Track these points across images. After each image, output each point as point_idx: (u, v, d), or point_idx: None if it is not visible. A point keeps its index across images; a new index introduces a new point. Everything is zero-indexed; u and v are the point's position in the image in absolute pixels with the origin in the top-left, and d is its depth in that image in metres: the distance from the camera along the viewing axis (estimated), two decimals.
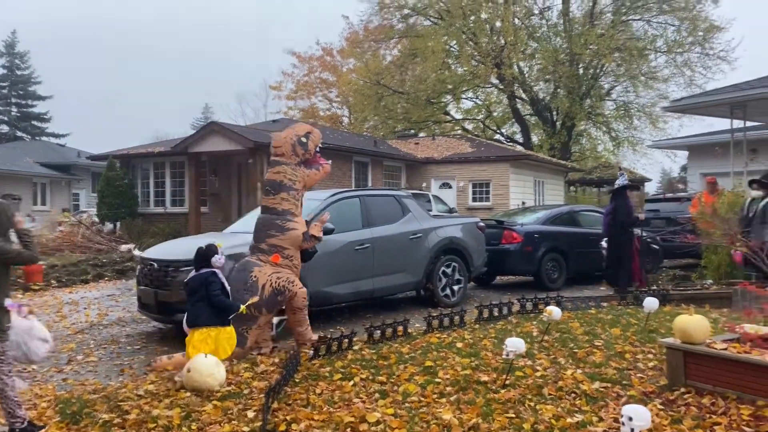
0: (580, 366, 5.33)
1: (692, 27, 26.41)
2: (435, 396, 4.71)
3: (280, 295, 6.18)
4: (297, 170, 6.47)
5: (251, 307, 6.00)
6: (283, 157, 6.49)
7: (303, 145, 6.51)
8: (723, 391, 4.23)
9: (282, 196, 6.39)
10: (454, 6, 27.81)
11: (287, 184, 6.42)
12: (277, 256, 6.26)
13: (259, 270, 6.19)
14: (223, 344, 5.57)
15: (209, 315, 5.55)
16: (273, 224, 6.35)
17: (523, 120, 30.60)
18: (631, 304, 8.28)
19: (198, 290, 5.61)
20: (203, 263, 5.74)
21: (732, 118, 11.79)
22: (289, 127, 6.88)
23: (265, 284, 6.12)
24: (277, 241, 6.30)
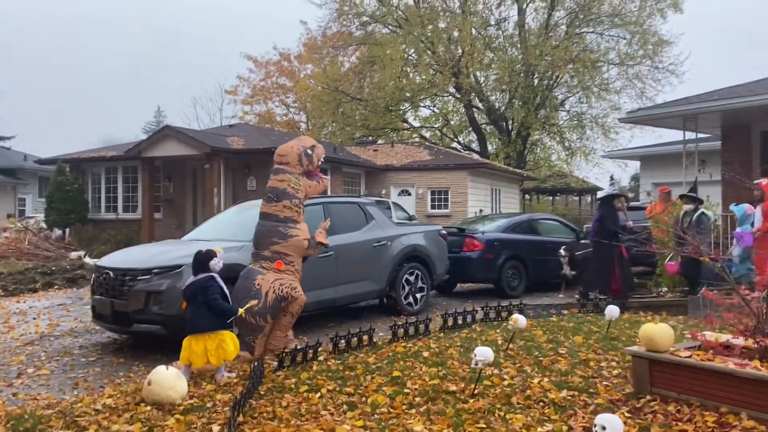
0: (546, 374, 5.37)
1: (643, 41, 27.23)
2: (404, 407, 4.66)
3: (283, 301, 6.29)
4: (300, 180, 6.63)
5: (257, 316, 6.09)
6: (288, 166, 6.64)
7: (308, 157, 6.70)
8: (687, 399, 4.31)
9: (284, 203, 6.52)
10: (413, 15, 28.00)
11: (290, 192, 6.54)
12: (280, 262, 6.37)
13: (262, 278, 6.27)
14: (229, 347, 5.52)
15: (211, 320, 5.51)
16: (276, 231, 6.44)
17: (480, 129, 30.97)
18: (591, 312, 8.43)
19: (197, 296, 5.56)
20: (202, 268, 5.69)
21: (684, 129, 12.17)
22: (296, 138, 7.07)
23: (268, 291, 6.21)
24: (281, 248, 6.40)
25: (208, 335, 5.47)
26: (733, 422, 3.96)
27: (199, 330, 5.47)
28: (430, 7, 28.95)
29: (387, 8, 29.14)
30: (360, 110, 31.01)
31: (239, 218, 8.65)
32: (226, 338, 5.54)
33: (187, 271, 6.66)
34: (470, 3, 29.04)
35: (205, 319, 5.49)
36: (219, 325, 5.55)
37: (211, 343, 5.45)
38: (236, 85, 39.63)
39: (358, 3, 29.71)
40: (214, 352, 5.43)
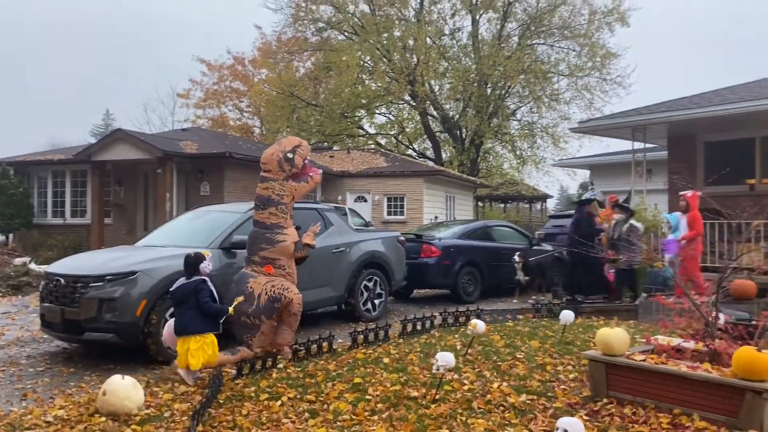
0: (506, 378, 5.45)
1: (591, 53, 27.99)
2: (367, 413, 4.66)
3: (276, 302, 6.44)
4: (285, 185, 6.70)
5: (251, 316, 6.30)
6: (271, 173, 6.71)
7: (289, 161, 6.72)
8: (642, 401, 4.44)
9: (270, 210, 6.64)
10: (368, 22, 28.08)
11: (275, 199, 6.66)
12: (269, 266, 6.58)
13: (254, 281, 6.47)
14: (210, 350, 5.59)
15: (201, 322, 5.58)
16: (263, 238, 6.61)
17: (435, 137, 31.24)
18: (545, 317, 8.60)
19: (188, 298, 5.62)
20: (192, 271, 5.74)
21: (633, 140, 12.57)
22: (276, 143, 7.08)
23: (260, 293, 6.39)
24: (268, 253, 6.57)
25: (194, 337, 5.51)
26: (686, 423, 4.10)
27: (187, 332, 5.53)
28: (385, 16, 29.09)
29: (343, 15, 29.15)
30: (315, 116, 30.88)
31: (195, 224, 8.50)
32: (209, 342, 5.59)
33: (141, 277, 6.52)
34: (425, 12, 29.33)
35: (195, 322, 5.56)
36: (208, 327, 5.63)
37: (194, 345, 5.49)
38: (189, 89, 38.92)
39: (314, 9, 29.63)
40: (195, 353, 5.48)
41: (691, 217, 8.87)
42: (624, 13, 27.26)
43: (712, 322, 4.78)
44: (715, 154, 12.28)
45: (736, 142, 12.03)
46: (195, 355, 5.48)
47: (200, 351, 5.49)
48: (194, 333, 5.53)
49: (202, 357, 5.50)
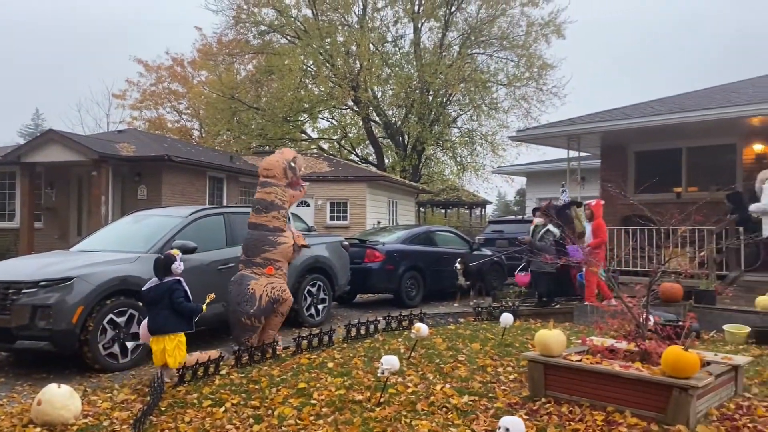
0: (448, 380, 5.56)
1: (529, 64, 28.81)
2: (312, 418, 4.67)
3: (276, 303, 6.90)
4: (286, 191, 7.15)
5: (252, 317, 6.72)
6: (275, 179, 7.12)
7: (292, 169, 7.19)
8: (578, 400, 4.62)
9: (273, 214, 7.03)
10: (311, 27, 28.01)
11: (278, 203, 7.06)
12: (271, 268, 6.96)
13: (255, 282, 6.83)
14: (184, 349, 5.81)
15: (176, 321, 5.73)
16: (267, 240, 6.98)
17: (377, 142, 31.41)
18: (486, 320, 8.81)
19: (161, 299, 5.73)
20: (164, 272, 5.83)
21: (568, 148, 13.03)
22: (278, 152, 7.58)
23: (261, 295, 6.79)
24: (271, 254, 6.96)
25: (169, 337, 5.67)
26: (619, 420, 4.29)
27: (162, 332, 5.67)
28: (328, 21, 29.08)
29: (286, 19, 28.97)
30: (257, 119, 30.55)
31: (133, 228, 8.31)
32: (183, 340, 5.78)
33: (78, 283, 6.33)
34: (368, 19, 29.51)
35: (170, 321, 5.70)
36: (182, 326, 5.80)
37: (170, 344, 5.66)
38: (125, 90, 37.75)
39: (256, 12, 29.33)
40: (172, 353, 5.65)
41: (595, 225, 9.30)
42: (560, 26, 28.20)
43: (642, 324, 5.02)
44: (645, 163, 12.87)
45: (665, 151, 12.64)
46: (173, 354, 5.65)
47: (177, 350, 5.67)
48: (170, 332, 5.67)
49: (179, 356, 5.69)
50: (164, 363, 5.64)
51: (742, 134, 11.65)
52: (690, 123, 10.83)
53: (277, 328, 7.13)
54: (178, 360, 5.69)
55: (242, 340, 6.76)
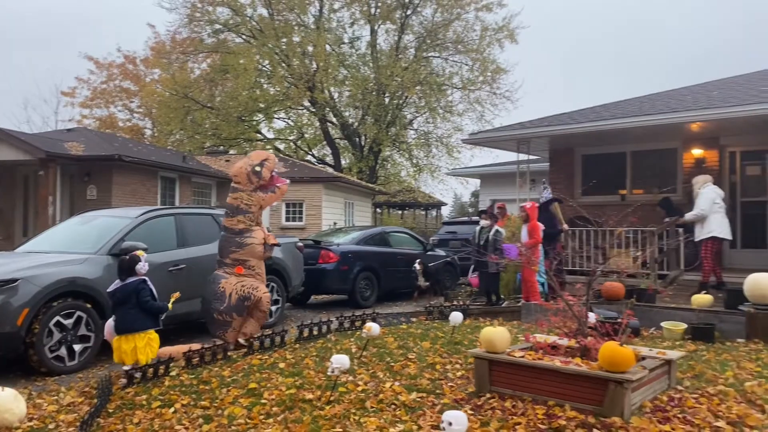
0: (398, 378, 5.67)
1: (483, 68, 29.32)
2: (262, 417, 4.72)
3: (246, 301, 7.19)
4: (253, 195, 7.38)
5: (223, 313, 7.10)
6: (240, 185, 7.40)
7: (257, 174, 7.37)
8: (521, 395, 4.79)
9: (239, 218, 7.34)
10: (267, 27, 27.87)
11: (243, 208, 7.36)
12: (240, 267, 7.29)
13: (225, 281, 7.20)
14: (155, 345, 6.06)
15: (144, 320, 5.94)
16: (233, 242, 7.32)
17: (334, 143, 31.44)
18: (437, 319, 8.97)
19: (128, 299, 5.91)
20: (128, 273, 6.00)
21: (518, 152, 13.34)
22: (246, 156, 7.75)
23: (231, 293, 7.12)
24: (238, 255, 7.28)
25: (138, 335, 5.88)
26: (558, 413, 4.47)
27: (131, 330, 5.88)
28: (284, 21, 28.98)
29: (241, 18, 28.74)
30: (211, 119, 30.21)
31: (82, 229, 8.18)
32: (153, 337, 6.03)
33: (23, 285, 6.21)
34: (324, 20, 29.52)
35: (138, 320, 5.90)
36: (150, 324, 6.00)
37: (140, 342, 5.87)
38: (74, 87, 36.86)
39: (211, 10, 29.01)
40: (144, 350, 5.88)
41: (531, 226, 9.61)
42: (513, 31, 28.76)
43: (583, 321, 5.23)
44: (592, 166, 13.28)
45: (610, 155, 13.07)
46: (143, 352, 5.88)
47: (147, 347, 5.92)
48: (139, 330, 5.89)
49: (150, 353, 5.93)
50: (136, 360, 5.82)
51: (682, 139, 12.15)
52: (632, 128, 11.24)
53: (261, 323, 7.52)
54: (150, 356, 5.90)
55: (218, 335, 7.18)
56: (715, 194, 9.70)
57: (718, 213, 9.61)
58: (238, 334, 7.24)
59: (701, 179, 9.92)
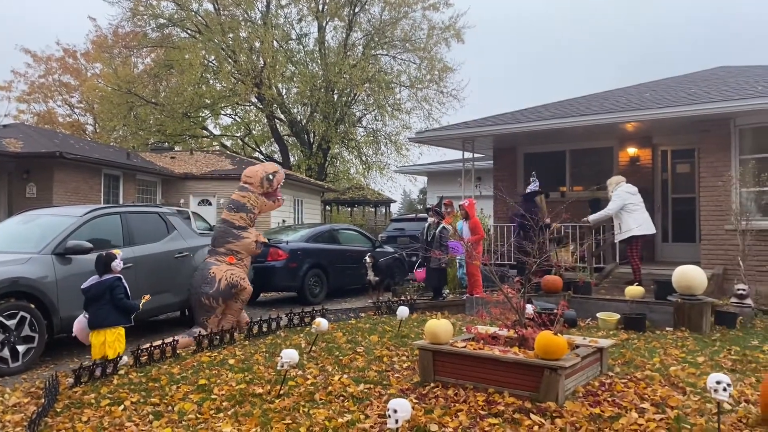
0: (346, 371, 5.84)
1: (430, 66, 29.70)
2: (212, 412, 4.81)
3: (234, 288, 7.78)
4: (259, 199, 8.22)
5: (210, 298, 7.62)
6: (252, 186, 8.19)
7: (269, 181, 8.28)
8: (464, 383, 5.03)
9: (241, 215, 8.08)
10: (213, 22, 27.50)
11: (248, 207, 8.12)
12: (232, 257, 7.97)
13: (216, 268, 7.81)
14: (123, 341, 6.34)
15: (116, 316, 6.24)
16: (232, 234, 8.03)
17: (282, 140, 31.29)
18: (385, 314, 9.18)
19: (102, 295, 6.19)
20: (104, 270, 6.30)
21: (463, 150, 13.69)
22: (261, 164, 8.76)
23: (221, 279, 7.71)
24: (234, 246, 8.01)
25: (109, 330, 6.16)
26: (498, 400, 4.72)
27: (103, 326, 6.16)
28: (231, 16, 28.65)
29: (186, 13, 28.27)
30: (155, 115, 29.63)
31: (24, 228, 8.02)
32: (123, 333, 6.32)
33: None
34: (272, 15, 29.32)
35: (110, 316, 6.20)
36: (122, 320, 6.30)
37: (110, 337, 6.17)
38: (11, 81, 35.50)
39: (155, 4, 28.43)
40: (113, 345, 6.15)
41: (473, 223, 9.95)
42: (459, 31, 29.23)
43: (521, 312, 5.52)
44: (533, 164, 13.73)
45: (551, 153, 13.56)
46: (112, 346, 6.14)
47: (117, 342, 6.20)
48: (111, 326, 6.17)
49: (119, 347, 6.20)
50: (103, 355, 6.04)
51: (618, 138, 12.72)
52: (571, 128, 11.71)
53: (238, 314, 8.02)
54: (118, 351, 6.16)
55: (202, 320, 7.67)
56: (627, 194, 9.97)
57: (635, 211, 9.93)
58: (219, 322, 7.67)
59: (614, 180, 10.28)
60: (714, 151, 10.50)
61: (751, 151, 10.23)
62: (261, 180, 8.18)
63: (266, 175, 8.23)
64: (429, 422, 4.29)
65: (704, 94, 11.23)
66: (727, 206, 10.03)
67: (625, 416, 4.27)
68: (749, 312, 8.26)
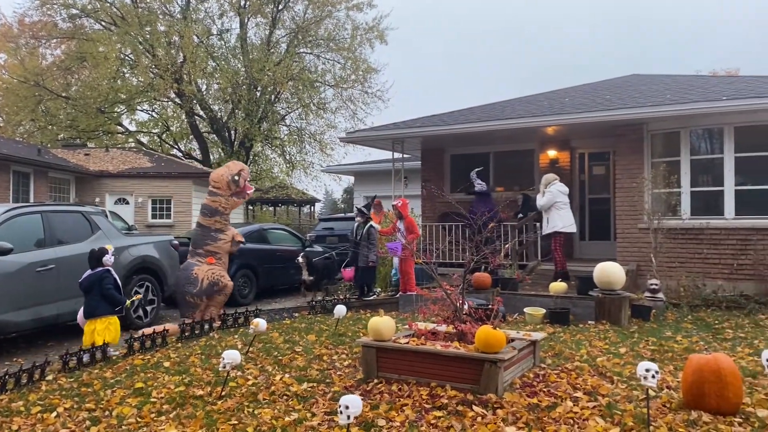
0: (287, 371, 5.84)
1: (355, 67, 29.77)
2: (153, 415, 4.70)
3: (215, 286, 8.52)
4: (229, 200, 8.87)
5: (194, 296, 8.43)
6: (220, 190, 8.82)
7: (236, 182, 8.82)
8: (406, 378, 5.15)
9: (216, 219, 8.80)
10: (129, 14, 26.44)
11: (221, 210, 8.81)
12: (211, 258, 8.67)
13: (198, 268, 8.55)
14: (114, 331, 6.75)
15: (105, 307, 6.69)
16: (210, 236, 8.76)
17: (202, 137, 30.50)
18: (319, 313, 9.20)
19: (93, 286, 6.68)
20: (96, 263, 6.78)
21: (393, 150, 13.86)
22: (225, 166, 9.18)
23: (203, 279, 8.47)
24: (212, 248, 8.74)
25: (100, 319, 6.62)
26: (440, 393, 4.87)
27: (94, 315, 6.63)
28: (148, 9, 27.64)
29: (100, 3, 27.04)
30: (67, 109, 28.17)
31: None
32: (113, 323, 6.74)
33: None
34: (192, 10, 28.54)
35: (100, 306, 6.67)
36: (111, 311, 6.73)
37: (100, 326, 6.62)
38: None
39: None
40: (102, 333, 6.60)
41: (408, 222, 10.19)
42: (383, 32, 29.45)
43: (459, 308, 5.70)
44: (460, 165, 14.11)
45: (476, 155, 13.96)
46: (101, 334, 6.59)
47: (106, 330, 6.63)
48: (101, 315, 6.62)
49: (107, 336, 6.63)
50: (92, 342, 6.52)
51: (538, 141, 13.26)
52: (495, 131, 12.12)
53: (220, 307, 8.71)
54: (107, 339, 6.59)
55: (186, 315, 8.41)
56: (558, 192, 10.49)
57: (562, 209, 10.46)
58: (203, 314, 8.38)
59: (549, 178, 10.78)
60: (628, 155, 11.14)
61: (662, 154, 10.94)
62: (228, 183, 8.77)
63: (232, 177, 8.79)
64: (376, 417, 4.37)
65: (618, 100, 11.90)
66: (640, 206, 10.68)
67: (561, 405, 4.51)
68: (661, 305, 8.86)
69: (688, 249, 10.40)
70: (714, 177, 10.41)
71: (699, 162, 10.60)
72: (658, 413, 4.28)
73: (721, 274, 10.03)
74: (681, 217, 10.43)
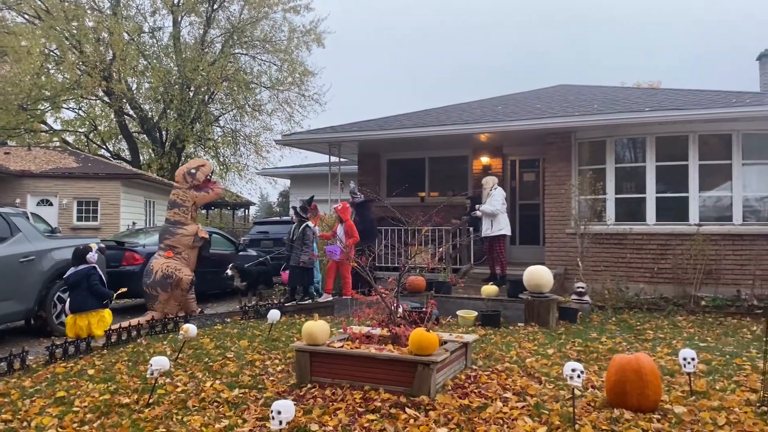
0: (218, 377, 5.72)
1: (291, 69, 29.50)
2: (75, 425, 4.51)
3: (168, 279, 8.80)
4: (187, 193, 9.23)
5: (149, 287, 8.81)
6: (178, 183, 9.30)
7: (192, 175, 9.26)
8: (340, 382, 5.14)
9: (174, 211, 9.18)
10: (55, 7, 25.33)
11: (179, 202, 9.19)
12: (169, 252, 8.95)
13: (155, 261, 8.96)
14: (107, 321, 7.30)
15: (93, 302, 7.16)
16: (168, 230, 9.11)
17: (132, 137, 29.52)
18: (253, 318, 9.06)
19: (80, 283, 7.13)
20: (81, 261, 7.24)
21: (330, 154, 13.84)
22: (189, 162, 9.80)
23: (157, 271, 8.84)
24: (170, 242, 9.05)
25: (91, 313, 7.11)
26: (374, 396, 4.88)
27: (83, 310, 7.11)
28: (75, 3, 26.57)
29: None
30: None
31: None
32: (104, 314, 7.28)
33: None
34: (122, 6, 27.63)
35: (89, 301, 7.14)
36: (99, 305, 7.20)
37: (93, 319, 7.11)
38: None
39: None
40: (97, 325, 7.12)
41: (348, 227, 10.24)
42: (320, 35, 29.34)
43: (394, 311, 5.74)
44: (396, 169, 14.24)
45: (411, 160, 14.12)
46: (98, 326, 7.11)
47: (100, 323, 7.14)
48: (90, 309, 7.11)
49: (103, 327, 7.13)
50: (89, 333, 6.99)
51: (472, 148, 13.55)
52: (430, 136, 12.30)
53: (181, 300, 8.97)
54: (104, 329, 7.11)
55: (149, 305, 8.90)
56: (501, 195, 10.88)
57: (504, 213, 10.85)
58: (164, 308, 8.71)
59: (491, 180, 11.05)
60: (557, 162, 11.52)
61: (589, 162, 11.37)
62: (183, 176, 9.17)
63: (187, 171, 9.22)
64: (309, 422, 4.35)
65: (548, 109, 12.30)
66: (567, 212, 11.07)
67: (492, 406, 4.61)
68: (587, 308, 9.20)
69: (612, 253, 10.84)
70: (637, 184, 10.91)
71: (623, 170, 11.08)
72: (583, 412, 4.44)
73: (643, 278, 10.51)
74: (606, 223, 10.86)
